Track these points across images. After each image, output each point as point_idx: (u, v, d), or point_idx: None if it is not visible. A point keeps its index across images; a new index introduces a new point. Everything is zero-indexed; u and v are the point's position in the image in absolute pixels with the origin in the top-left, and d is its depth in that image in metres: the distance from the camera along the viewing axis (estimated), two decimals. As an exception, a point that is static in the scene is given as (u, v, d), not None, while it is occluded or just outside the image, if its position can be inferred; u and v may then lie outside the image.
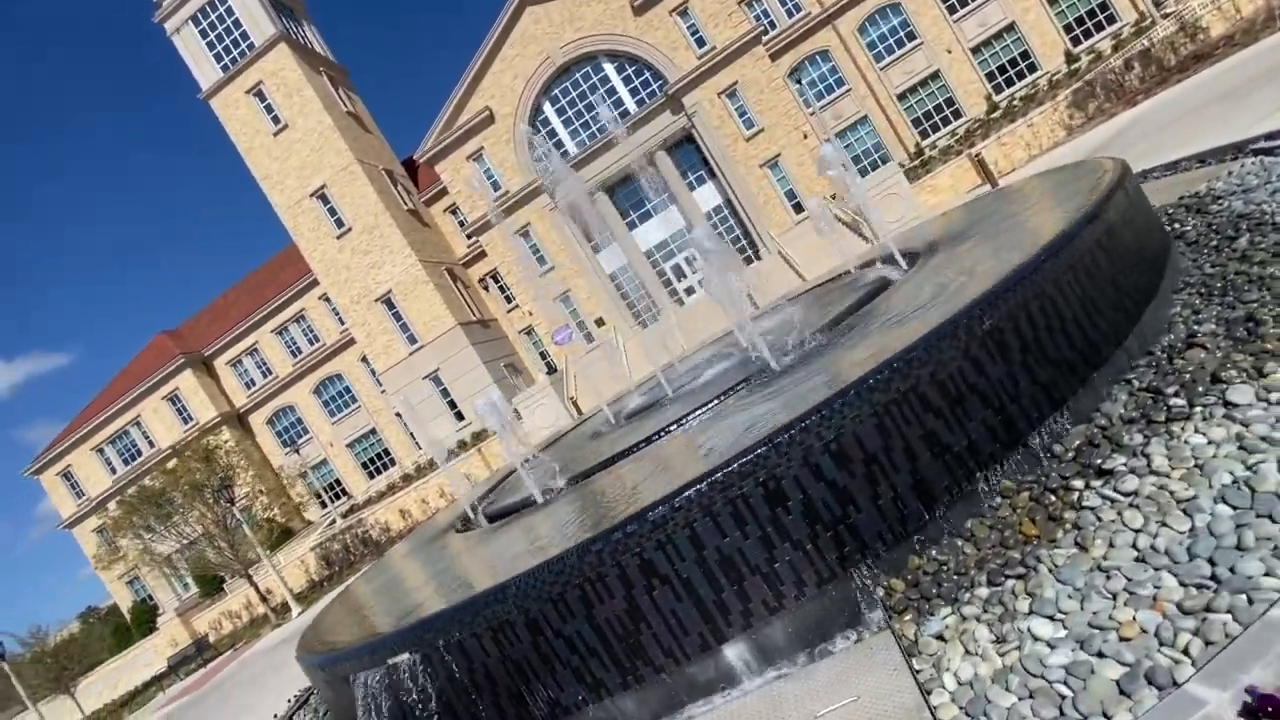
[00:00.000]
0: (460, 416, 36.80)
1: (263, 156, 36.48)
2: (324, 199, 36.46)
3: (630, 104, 37.36)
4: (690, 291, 39.22)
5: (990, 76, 36.47)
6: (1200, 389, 3.63)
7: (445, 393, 36.99)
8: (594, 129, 37.61)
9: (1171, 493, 2.99)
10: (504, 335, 40.82)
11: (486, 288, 41.63)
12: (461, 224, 38.92)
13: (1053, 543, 3.24)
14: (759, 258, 37.19)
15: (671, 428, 6.03)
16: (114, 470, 41.90)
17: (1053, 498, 3.55)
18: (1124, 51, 23.66)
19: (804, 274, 28.95)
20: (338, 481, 42.82)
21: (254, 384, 43.09)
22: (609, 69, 37.11)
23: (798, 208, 36.30)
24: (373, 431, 41.99)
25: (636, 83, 37.31)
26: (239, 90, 36.25)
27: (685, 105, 35.93)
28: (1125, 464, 3.39)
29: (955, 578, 3.45)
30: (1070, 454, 3.79)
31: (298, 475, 42.55)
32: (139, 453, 42.00)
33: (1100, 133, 18.54)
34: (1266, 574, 2.35)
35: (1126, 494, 3.18)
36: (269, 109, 36.29)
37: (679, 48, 35.49)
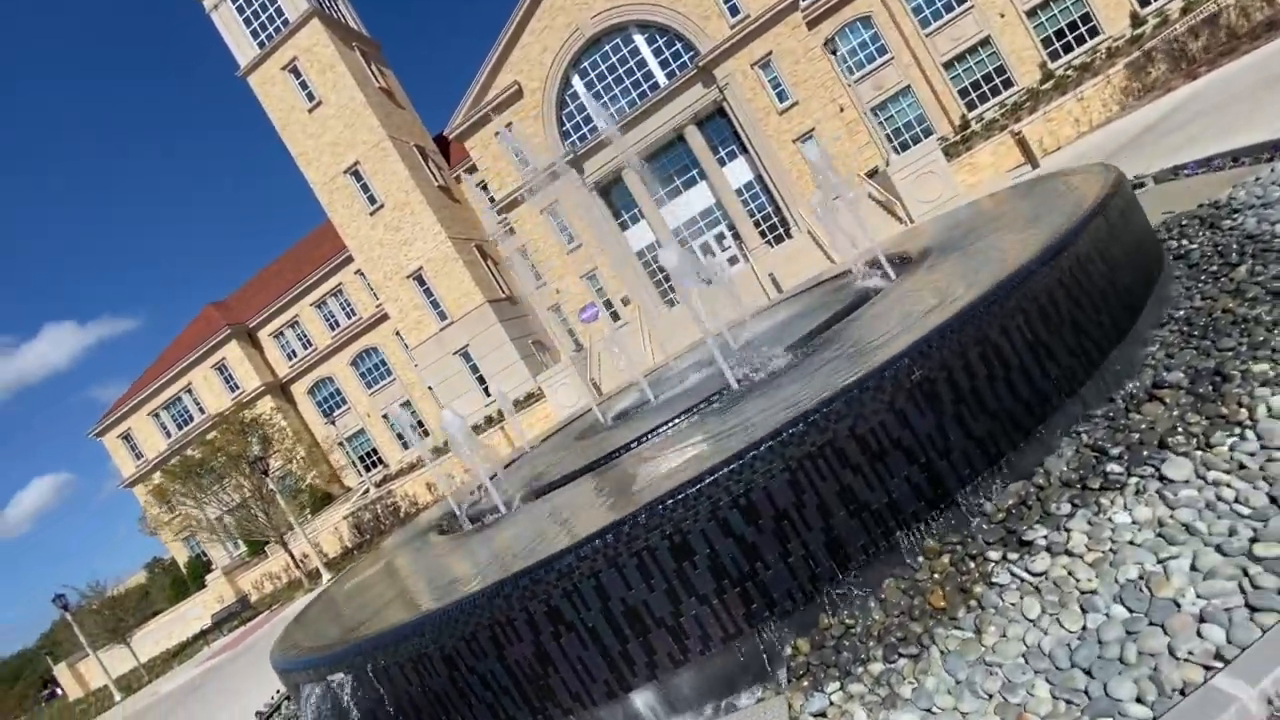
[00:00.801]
0: (488, 392, 37.47)
1: (298, 133, 37.15)
2: (357, 175, 37.02)
3: (660, 76, 36.49)
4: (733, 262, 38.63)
5: (1046, 42, 34.14)
6: (1145, 454, 3.35)
7: (475, 368, 37.66)
8: (623, 103, 36.93)
9: (1077, 581, 2.78)
10: (532, 312, 41.11)
11: (504, 269, 41.82)
12: (492, 200, 39.01)
13: (954, 621, 3.07)
14: (789, 235, 36.29)
15: (633, 444, 5.98)
16: (169, 434, 44.38)
17: (971, 564, 3.36)
18: (1193, 14, 21.70)
19: (833, 256, 28.11)
20: (374, 450, 44.38)
21: (295, 355, 44.69)
22: (639, 40, 36.22)
23: (832, 184, 35.06)
24: (407, 403, 43.17)
25: (667, 54, 36.36)
26: (275, 67, 36.82)
27: (717, 77, 34.90)
28: (1045, 537, 3.17)
29: (857, 646, 3.32)
30: (1000, 515, 3.56)
31: (336, 444, 44.33)
32: (191, 418, 44.31)
33: (1153, 110, 17.16)
34: (1137, 699, 2.16)
35: (1035, 575, 2.98)
36: (303, 85, 36.80)
37: (711, 16, 34.33)
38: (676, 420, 5.84)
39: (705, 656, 3.64)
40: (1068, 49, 33.67)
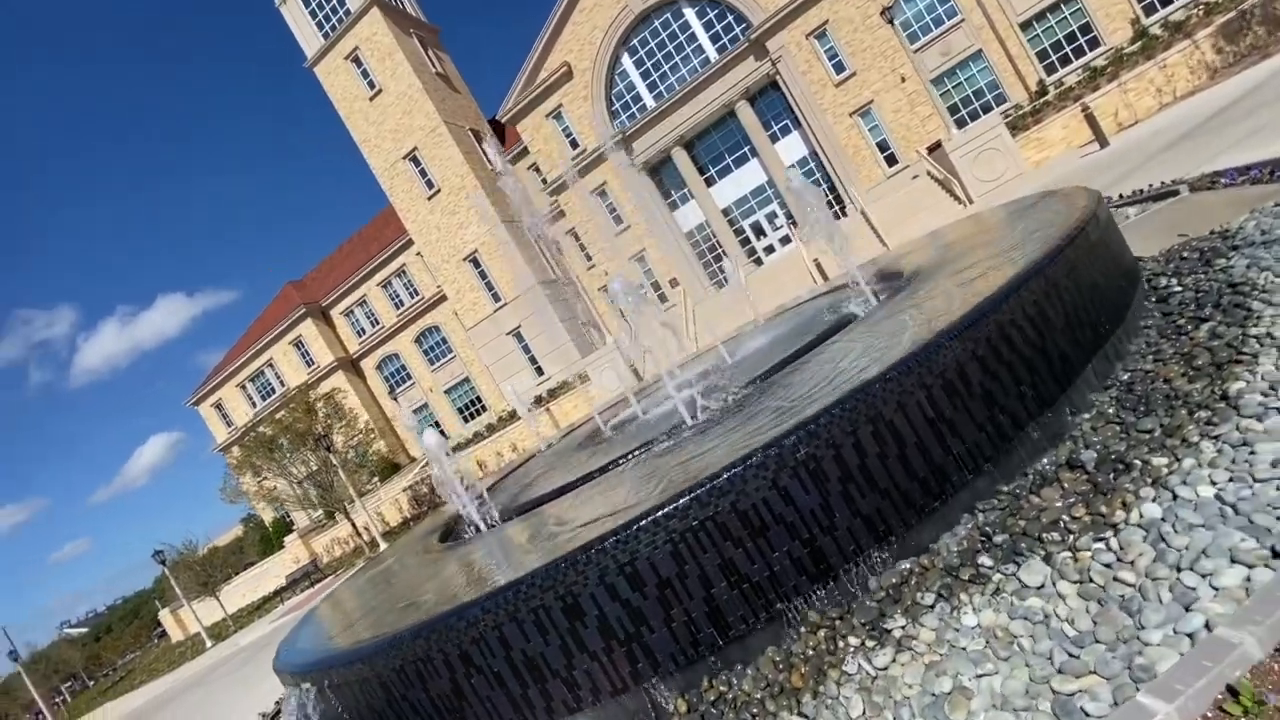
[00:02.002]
0: (540, 371, 38.57)
1: (361, 121, 38.72)
2: (415, 161, 38.32)
3: (711, 51, 35.61)
4: (770, 250, 37.83)
5: (1138, -6, 30.90)
6: (1021, 546, 3.31)
7: (527, 348, 38.78)
8: (672, 80, 36.33)
9: (899, 687, 2.84)
10: (585, 292, 41.70)
11: (556, 250, 42.34)
12: (544, 182, 39.52)
13: (799, 705, 3.19)
14: (845, 214, 35.01)
15: (599, 471, 6.26)
16: (254, 404, 48.27)
17: (841, 644, 3.46)
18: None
19: (886, 240, 27.00)
20: (437, 424, 46.67)
21: (364, 332, 47.33)
22: (689, 14, 35.36)
23: (890, 159, 33.56)
24: (466, 380, 45.04)
25: (719, 27, 35.37)
26: (338, 57, 38.32)
27: (769, 50, 33.73)
28: (901, 628, 3.22)
29: (725, 714, 3.50)
30: (881, 594, 3.61)
31: (405, 418, 46.94)
32: (273, 390, 47.96)
33: (1243, 80, 15.39)
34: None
35: (876, 670, 3.05)
36: (365, 74, 38.17)
37: (763, -14, 33.07)
38: (627, 456, 6.07)
39: (597, 707, 3.91)
40: (1165, 1, 30.37)
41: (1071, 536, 3.17)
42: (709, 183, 37.94)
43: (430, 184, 38.31)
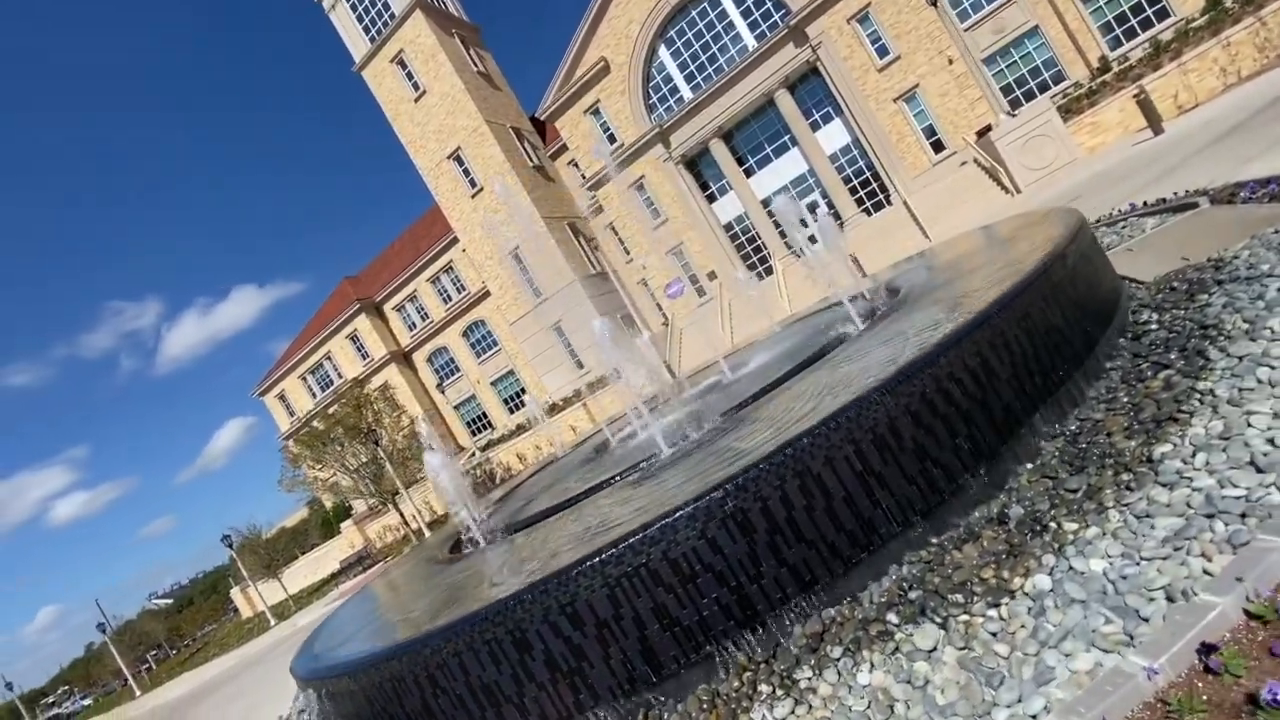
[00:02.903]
0: (580, 365, 39.24)
1: (406, 123, 39.96)
2: (459, 160, 39.33)
3: (749, 39, 35.02)
4: (812, 240, 37.08)
5: (1213, -41, 28.54)
6: (929, 606, 3.43)
7: (567, 343, 39.49)
8: (710, 70, 35.94)
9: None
10: (623, 286, 42.02)
11: (592, 246, 42.70)
12: (583, 178, 39.92)
13: (709, 750, 3.43)
14: (889, 203, 34.05)
15: (572, 501, 6.58)
16: (314, 395, 50.92)
17: (758, 689, 3.67)
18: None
19: (928, 231, 26.19)
20: (484, 415, 48.20)
21: (415, 326, 49.09)
22: (727, 3, 34.86)
23: (937, 146, 32.34)
24: (511, 372, 46.22)
25: (757, 14, 34.73)
26: (384, 60, 39.57)
27: (809, 36, 32.93)
28: (808, 679, 3.40)
29: (651, 749, 3.77)
30: (804, 641, 3.79)
31: (452, 407, 48.72)
32: (331, 382, 50.46)
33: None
34: None
35: (776, 722, 3.25)
36: (409, 76, 39.31)
37: (802, -29, 32.22)
38: (606, 483, 6.36)
39: (546, 731, 4.25)
40: (1245, -36, 27.93)
41: (973, 600, 3.27)
42: (748, 173, 37.47)
43: (473, 183, 39.27)
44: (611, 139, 37.68)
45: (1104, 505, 3.36)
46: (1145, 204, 8.96)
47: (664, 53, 36.34)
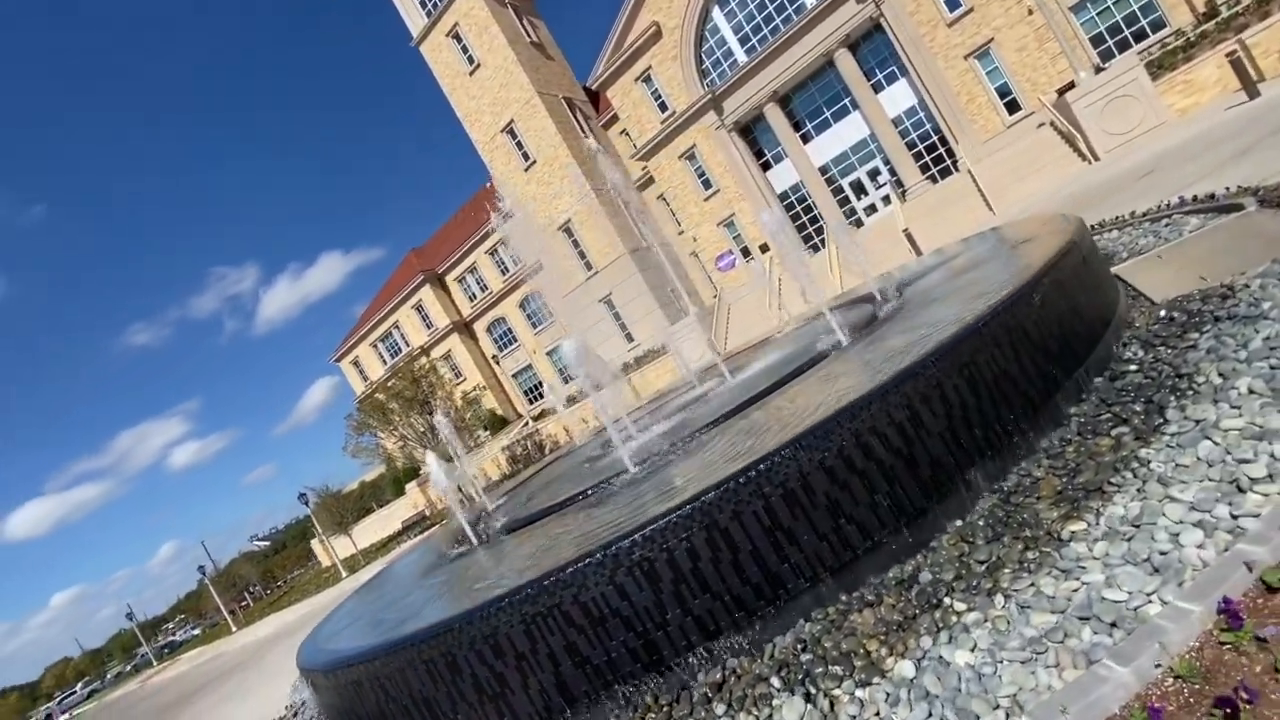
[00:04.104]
0: (630, 338, 39.51)
1: (463, 97, 40.50)
2: (512, 134, 39.65)
3: (808, -4, 33.08)
4: (871, 210, 35.43)
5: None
6: (815, 671, 3.44)
7: (617, 316, 39.77)
8: (766, 31, 34.35)
9: (650, 800, 3.16)
10: (675, 258, 41.67)
11: (641, 218, 42.21)
12: (635, 147, 39.41)
13: (595, 791, 3.61)
14: (956, 169, 31.92)
15: (545, 513, 6.84)
16: (384, 362, 53.77)
17: (656, 734, 3.80)
18: None
19: (993, 204, 24.46)
20: (539, 384, 49.57)
21: (475, 297, 50.67)
22: (784, -42, 32.93)
23: (1012, 106, 29.90)
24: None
25: (817, -31, 32.65)
26: (440, 34, 40.02)
27: (872, -10, 30.78)
28: (690, 736, 3.51)
29: (556, 778, 4.00)
30: (704, 689, 3.89)
31: (510, 376, 50.34)
32: (399, 350, 53.07)
33: None
34: None
35: (650, 775, 3.38)
36: (464, 50, 39.65)
37: (864, -81, 30.01)
38: (576, 498, 6.55)
39: (478, 746, 4.57)
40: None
41: (849, 674, 3.26)
42: (805, 139, 35.95)
43: (526, 155, 39.57)
44: (663, 107, 36.91)
45: (998, 585, 3.24)
46: (1195, 198, 8.05)
47: (718, 14, 34.94)
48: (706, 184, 37.19)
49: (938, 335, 4.49)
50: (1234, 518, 2.82)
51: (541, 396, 49.23)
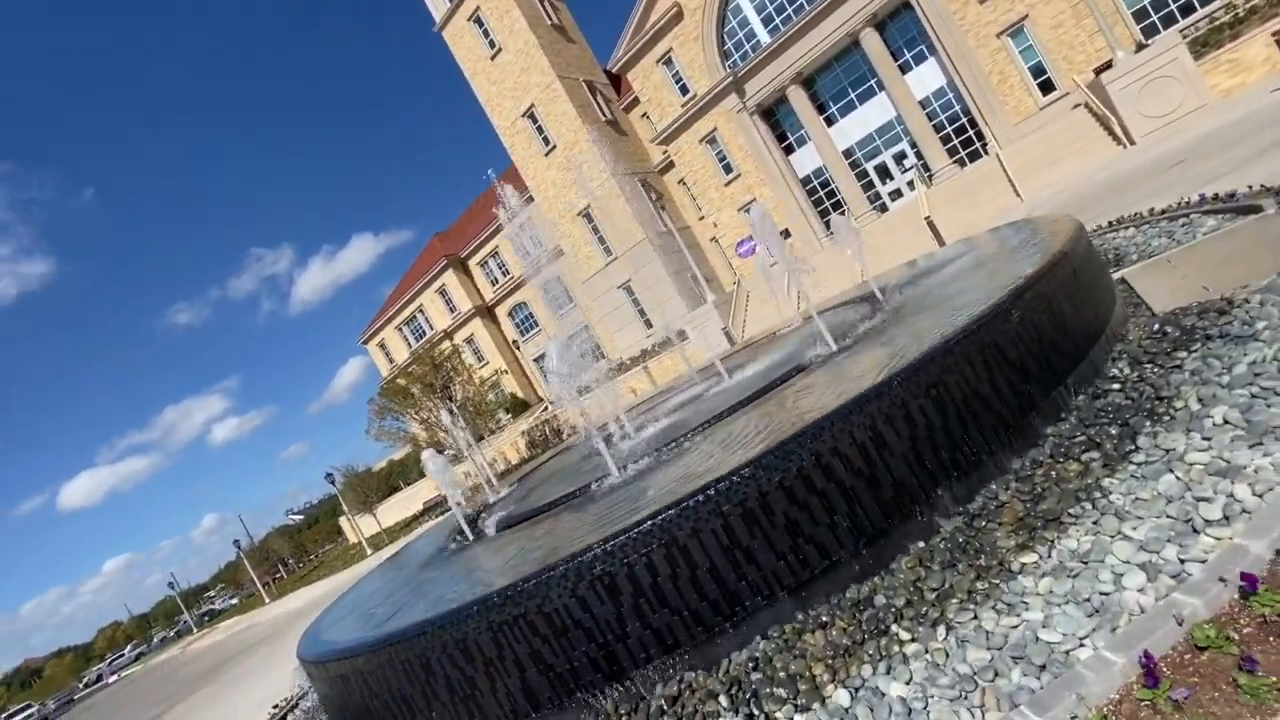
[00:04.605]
0: (649, 325, 39.47)
1: (484, 82, 40.45)
2: (533, 118, 39.54)
3: (834, -27, 32.07)
4: (896, 195, 34.60)
5: None
6: (763, 692, 3.48)
7: (636, 302, 39.72)
8: (790, 11, 33.51)
9: (594, 812, 3.26)
10: (695, 243, 41.33)
11: (660, 202, 41.82)
12: (656, 131, 38.97)
13: (549, 797, 3.73)
14: (985, 152, 30.94)
15: (535, 513, 6.97)
16: (409, 344, 54.67)
17: (612, 743, 3.91)
18: None
19: (1020, 189, 23.71)
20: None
21: (497, 282, 51.05)
22: (810, -66, 31.96)
23: (1046, 86, 28.78)
24: (586, 328, 47.29)
25: (843, -56, 31.62)
26: (462, 18, 39.91)
27: (901, -34, 29.74)
28: (639, 750, 3.59)
29: (520, 780, 4.14)
30: (661, 701, 3.97)
31: (531, 360, 50.79)
32: (424, 333, 53.88)
33: None
34: None
35: (598, 787, 3.48)
36: (486, 34, 39.51)
37: (893, -108, 28.92)
38: (563, 499, 6.65)
39: (453, 743, 4.74)
40: None
41: (791, 698, 3.30)
42: (829, 122, 35.13)
43: (547, 140, 39.46)
44: (684, 90, 36.39)
45: (944, 616, 3.23)
46: (1215, 197, 7.70)
47: (741, -7, 34.15)
48: (727, 168, 36.70)
49: (911, 351, 4.43)
50: (1181, 561, 2.76)
51: (562, 381, 49.57)
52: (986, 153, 30.44)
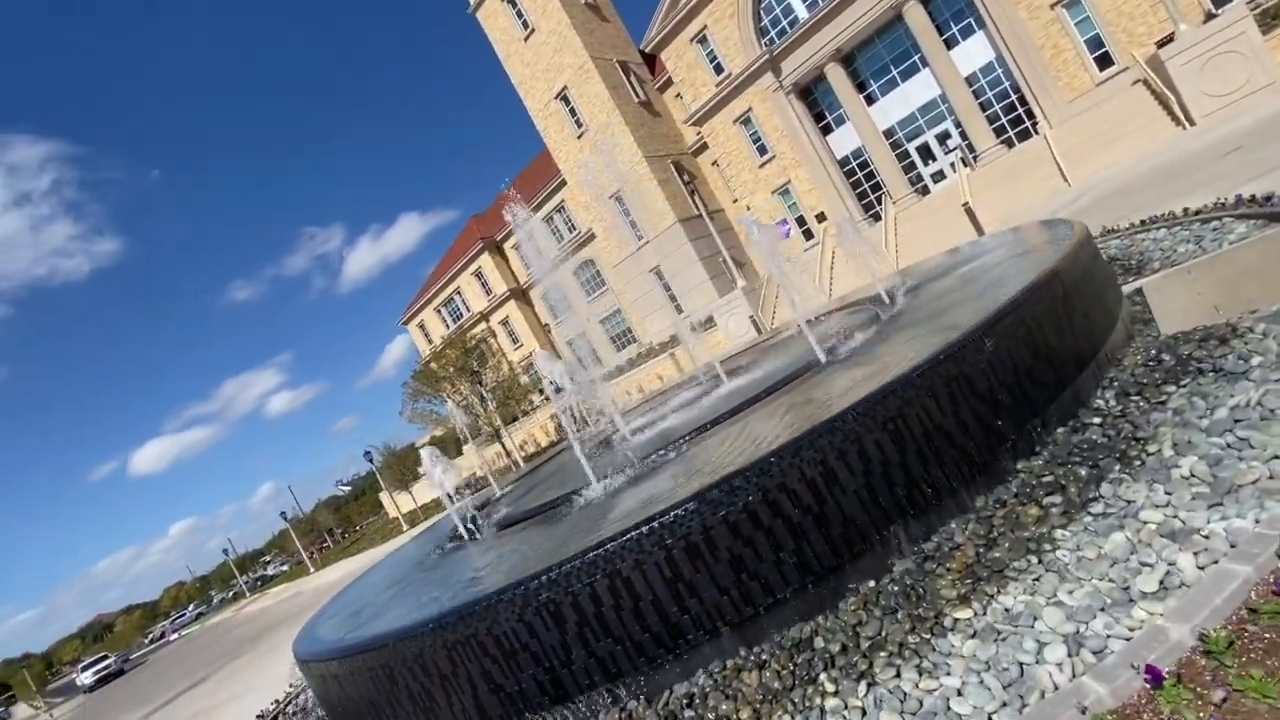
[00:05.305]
0: (680, 309, 39.21)
1: (517, 64, 40.36)
2: (565, 100, 39.33)
3: (877, -57, 30.61)
4: (939, 177, 33.20)
5: None
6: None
7: (666, 286, 39.48)
8: (830, -16, 32.15)
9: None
10: (728, 227, 40.69)
11: (692, 185, 41.12)
12: (690, 112, 38.28)
13: (488, 817, 3.82)
14: (1035, 132, 29.34)
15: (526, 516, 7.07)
16: (447, 326, 55.79)
17: (553, 767, 3.98)
18: None
19: (1068, 173, 22.45)
20: (593, 351, 50.20)
21: (531, 265, 51.40)
22: (852, -99, 30.49)
23: (1104, 61, 27.02)
24: (618, 311, 47.37)
25: (888, -88, 30.10)
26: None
27: (948, -66, 28.17)
28: (571, 779, 3.64)
29: (469, 794, 4.27)
30: (602, 729, 4.01)
31: (565, 343, 51.26)
32: (461, 314, 54.86)
33: None
34: None
35: (528, 814, 3.55)
36: (519, 14, 39.30)
37: None
38: (552, 504, 6.74)
39: (417, 748, 4.91)
40: None
41: (717, 742, 3.28)
42: (869, 100, 33.82)
43: (579, 123, 39.24)
44: (718, 69, 35.54)
45: (870, 670, 3.15)
46: (1252, 199, 7.09)
47: (778, -33, 32.95)
48: (762, 150, 35.84)
49: (874, 382, 4.28)
50: (1106, 637, 2.60)
51: (594, 364, 49.89)
52: (1036, 132, 28.86)
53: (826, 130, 35.31)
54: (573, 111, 39.31)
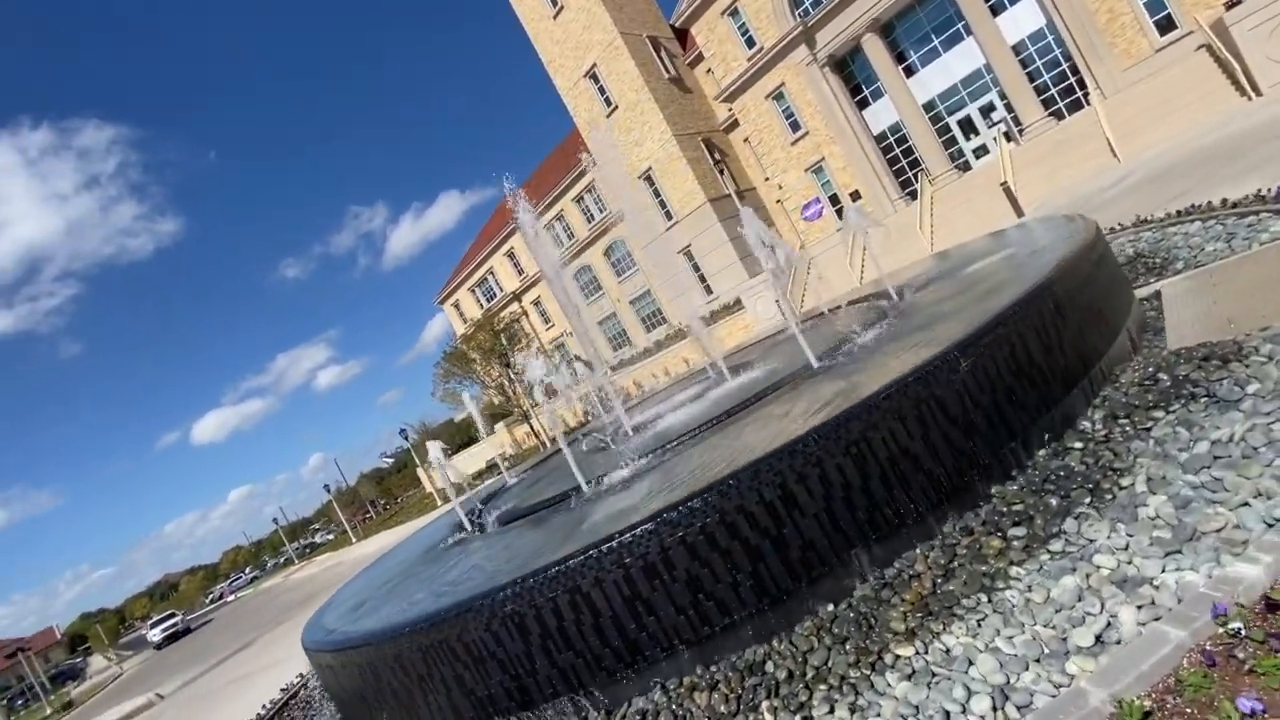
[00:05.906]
0: (709, 290, 38.85)
1: (547, 41, 40.00)
2: (595, 78, 38.89)
3: (919, -96, 29.06)
4: (981, 152, 31.75)
5: None
6: (639, 751, 3.55)
7: (696, 267, 39.10)
8: (868, -50, 30.73)
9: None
10: (760, 206, 39.90)
11: (722, 163, 40.22)
12: (721, 88, 37.42)
13: (452, 817, 4.00)
14: (1087, 103, 27.71)
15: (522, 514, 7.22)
16: (481, 305, 56.62)
17: (517, 771, 4.12)
18: None
19: (1118, 148, 21.19)
20: (623, 332, 50.33)
21: (562, 245, 51.54)
22: None
23: (1165, 25, 25.26)
24: (648, 292, 47.24)
25: None
26: (524, -25, 39.33)
27: (996, -109, 26.51)
28: (527, 788, 3.77)
29: (442, 790, 4.46)
30: (564, 738, 4.12)
31: (595, 323, 51.44)
32: (494, 294, 55.57)
33: None
34: None
35: (485, 819, 3.70)
36: (548, -10, 38.83)
37: None
38: (548, 502, 6.87)
39: (402, 741, 5.15)
40: None
41: (659, 765, 3.35)
42: (908, 72, 32.41)
43: (609, 101, 38.81)
44: (750, 43, 34.54)
45: (809, 703, 3.15)
46: (1292, 192, 6.58)
47: (814, -67, 31.63)
48: (794, 126, 34.85)
49: (841, 401, 4.19)
50: (1031, 693, 2.53)
51: (625, 344, 50.07)
52: (1088, 103, 27.23)
53: (863, 104, 34.07)
54: (602, 90, 38.86)
